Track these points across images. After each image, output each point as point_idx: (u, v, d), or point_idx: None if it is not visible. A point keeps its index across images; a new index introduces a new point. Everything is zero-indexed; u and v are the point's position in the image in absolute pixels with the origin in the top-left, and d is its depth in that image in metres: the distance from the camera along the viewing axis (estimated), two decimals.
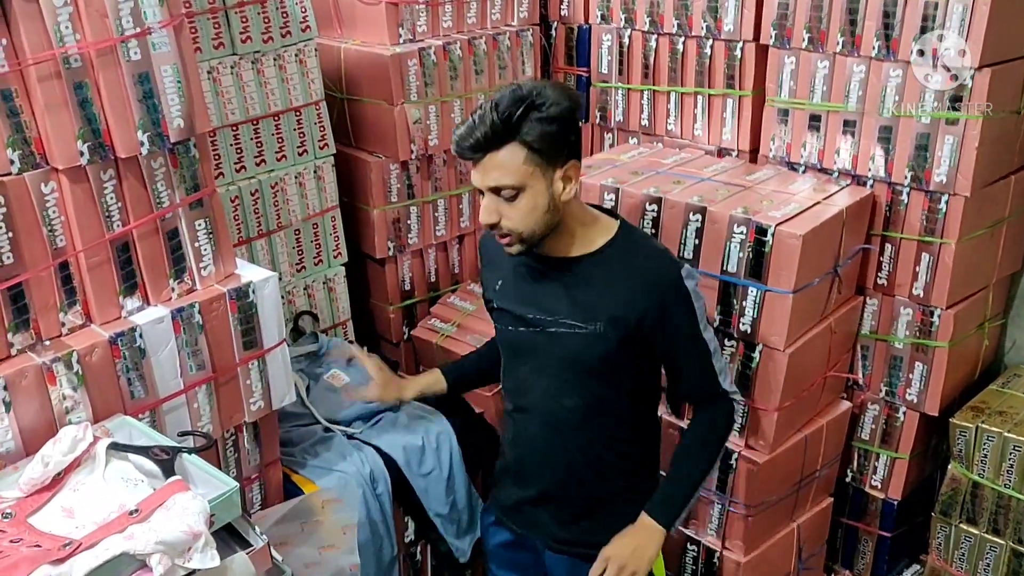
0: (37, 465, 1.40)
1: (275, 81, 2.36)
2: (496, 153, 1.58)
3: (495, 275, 1.85)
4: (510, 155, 1.58)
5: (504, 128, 1.56)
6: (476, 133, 1.57)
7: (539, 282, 1.76)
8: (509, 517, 1.95)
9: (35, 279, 1.52)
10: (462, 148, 1.61)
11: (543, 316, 1.74)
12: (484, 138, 1.57)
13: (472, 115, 1.60)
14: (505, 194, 1.60)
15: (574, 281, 1.72)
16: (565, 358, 1.74)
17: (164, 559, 1.24)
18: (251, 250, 2.41)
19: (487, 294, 1.89)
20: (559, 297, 1.73)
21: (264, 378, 1.85)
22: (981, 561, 2.32)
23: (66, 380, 1.53)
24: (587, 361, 1.72)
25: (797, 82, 2.33)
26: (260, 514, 1.90)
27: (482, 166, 1.60)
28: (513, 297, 1.80)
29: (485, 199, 1.63)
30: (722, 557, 2.35)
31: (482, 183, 1.61)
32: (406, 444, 2.25)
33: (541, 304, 1.75)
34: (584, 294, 1.71)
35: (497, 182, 1.59)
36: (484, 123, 1.56)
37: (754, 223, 2.06)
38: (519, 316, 1.78)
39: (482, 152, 1.58)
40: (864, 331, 2.42)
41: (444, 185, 2.78)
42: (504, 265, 1.81)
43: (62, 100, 1.46)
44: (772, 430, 2.18)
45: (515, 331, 1.80)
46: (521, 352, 1.81)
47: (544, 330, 1.74)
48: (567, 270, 1.73)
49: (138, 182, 1.60)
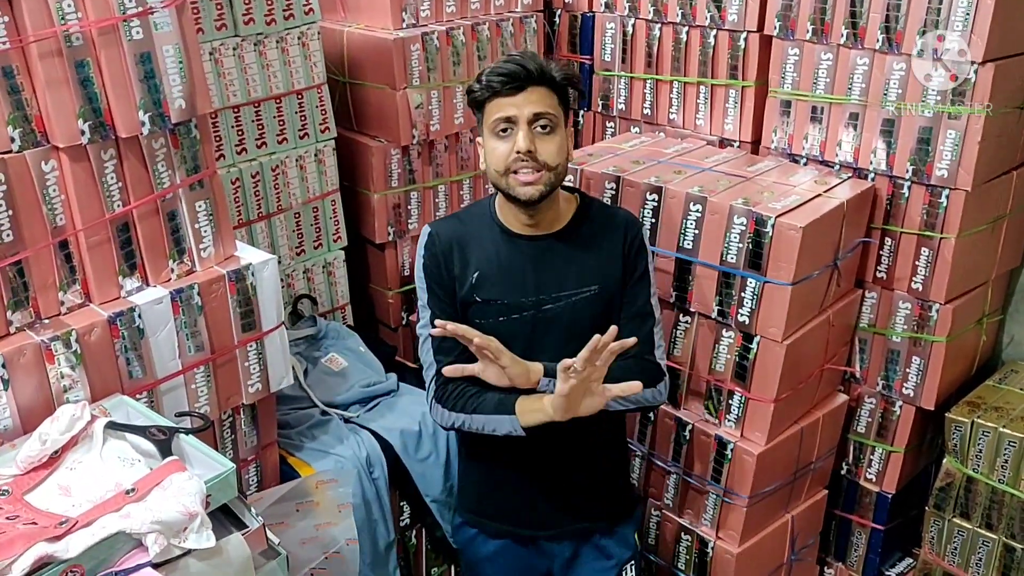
0: (34, 443, 1.40)
1: (277, 63, 2.36)
2: (536, 87, 1.68)
3: (467, 268, 1.80)
4: (547, 93, 1.70)
5: (541, 70, 1.68)
6: (527, 64, 1.67)
7: (530, 261, 1.79)
8: (505, 521, 1.93)
9: (34, 257, 1.52)
10: (508, 75, 1.66)
11: (539, 294, 1.77)
12: (533, 71, 1.67)
13: (501, 60, 1.71)
14: (543, 125, 1.68)
15: (562, 253, 1.79)
16: (568, 330, 1.77)
17: (160, 538, 1.25)
18: (251, 233, 2.41)
19: (460, 293, 1.80)
20: (554, 270, 1.77)
21: (262, 360, 1.85)
22: (973, 555, 2.33)
23: (64, 359, 1.53)
24: (588, 325, 1.73)
25: (800, 74, 2.32)
26: (256, 496, 1.91)
27: (523, 96, 1.67)
28: (500, 285, 1.79)
29: (521, 130, 1.67)
30: (716, 547, 2.36)
31: (523, 110, 1.67)
32: (403, 429, 2.26)
33: (537, 283, 1.78)
34: (574, 263, 1.79)
35: (543, 108, 1.68)
36: (526, 61, 1.67)
37: (754, 214, 2.06)
38: (509, 303, 1.78)
39: (524, 83, 1.66)
40: (862, 324, 2.42)
41: (445, 171, 2.78)
42: (479, 255, 1.80)
43: (63, 78, 1.46)
44: (768, 421, 2.19)
45: (505, 320, 1.79)
46: (512, 341, 1.76)
47: (540, 309, 1.77)
48: (553, 243, 1.80)
49: (139, 162, 1.60)
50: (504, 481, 1.91)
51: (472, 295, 1.80)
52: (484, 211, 1.86)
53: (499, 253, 1.80)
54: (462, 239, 1.82)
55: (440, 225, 1.90)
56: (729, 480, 2.27)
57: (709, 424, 2.29)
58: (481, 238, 1.82)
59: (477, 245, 1.81)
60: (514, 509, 1.92)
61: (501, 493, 1.92)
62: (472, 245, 1.81)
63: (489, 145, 1.73)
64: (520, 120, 1.67)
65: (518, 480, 1.89)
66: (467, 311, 1.82)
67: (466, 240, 1.82)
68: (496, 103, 1.69)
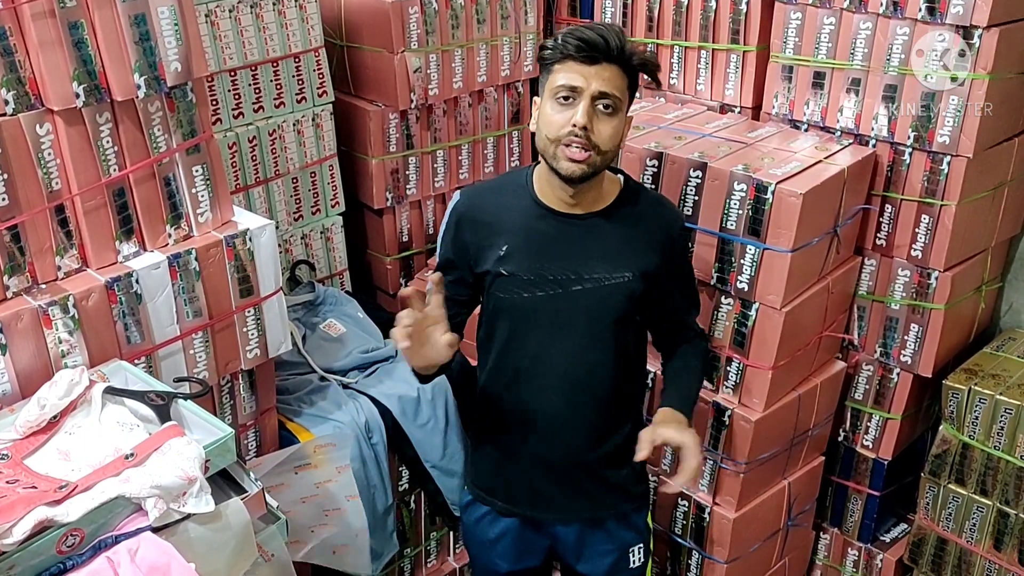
0: (33, 408, 1.40)
1: (274, 27, 2.33)
2: (611, 65, 1.60)
3: (495, 241, 1.74)
4: (619, 74, 1.61)
5: (621, 48, 1.59)
6: (609, 39, 1.58)
7: (563, 239, 1.72)
8: (517, 502, 1.89)
9: (30, 222, 1.51)
10: (586, 42, 1.57)
11: (569, 274, 1.71)
12: (613, 47, 1.58)
13: (584, 25, 1.61)
14: (606, 104, 1.60)
15: (600, 234, 1.72)
16: (594, 312, 1.73)
17: (159, 503, 1.25)
18: (248, 198, 2.40)
19: (484, 265, 1.76)
20: (588, 250, 1.71)
21: (260, 326, 1.85)
22: (967, 521, 2.35)
23: (62, 324, 1.53)
24: (616, 312, 1.73)
25: (802, 38, 2.30)
26: (255, 461, 1.92)
27: (595, 70, 1.59)
28: (529, 259, 1.72)
29: (583, 104, 1.58)
30: (713, 512, 2.38)
31: (591, 84, 1.58)
32: (401, 395, 2.26)
33: (568, 261, 1.71)
34: (611, 244, 1.73)
35: (609, 88, 1.59)
36: (609, 34, 1.58)
37: (755, 180, 2.05)
38: (537, 278, 1.72)
39: (602, 57, 1.58)
40: (861, 292, 2.42)
41: (444, 136, 2.76)
42: (509, 229, 1.74)
43: (56, 40, 1.44)
44: (766, 388, 2.19)
45: (532, 296, 1.73)
46: (538, 317, 1.74)
47: (568, 287, 1.71)
48: (591, 223, 1.73)
49: (134, 126, 1.59)
50: (516, 463, 1.87)
51: (498, 267, 1.74)
52: (520, 182, 1.78)
53: (530, 227, 1.73)
54: (493, 209, 1.76)
55: (471, 192, 1.85)
56: (727, 446, 2.29)
57: (707, 391, 2.29)
58: (513, 209, 1.75)
59: (508, 217, 1.74)
60: (526, 491, 1.87)
61: (513, 475, 1.88)
62: (503, 216, 1.74)
63: (546, 109, 1.63)
64: (585, 93, 1.58)
65: (531, 463, 1.84)
66: (491, 284, 1.76)
67: (497, 210, 1.75)
68: (565, 67, 1.60)
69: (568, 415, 1.78)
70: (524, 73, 2.87)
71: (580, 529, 1.89)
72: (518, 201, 1.75)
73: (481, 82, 2.76)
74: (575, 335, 1.74)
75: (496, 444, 1.90)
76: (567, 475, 1.84)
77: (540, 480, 1.85)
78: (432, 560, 2.58)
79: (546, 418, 1.79)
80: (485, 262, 1.75)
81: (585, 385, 1.77)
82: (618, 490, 1.88)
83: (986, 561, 2.35)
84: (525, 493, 1.88)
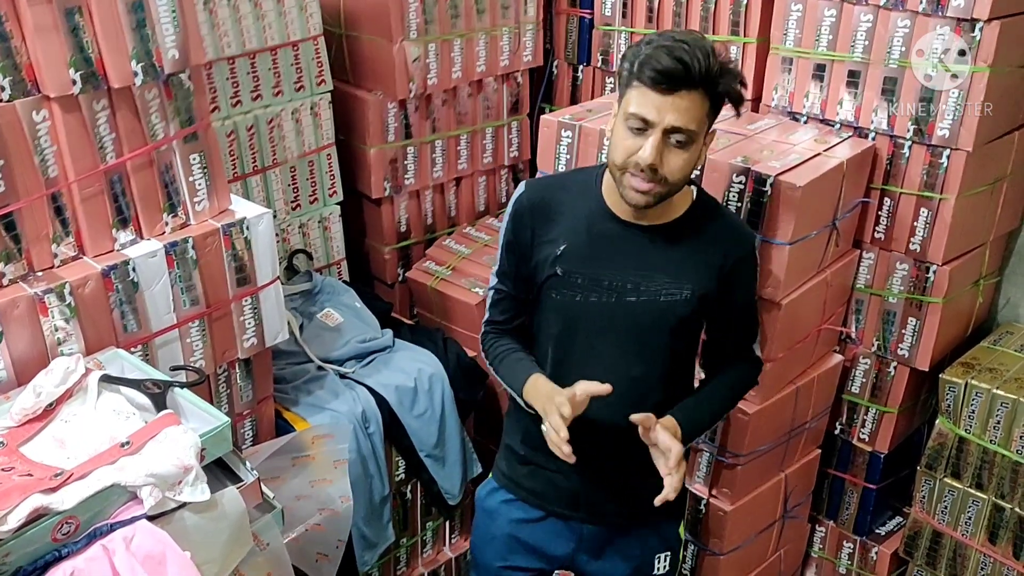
0: (29, 395, 1.40)
1: (272, 14, 2.32)
2: (690, 93, 1.47)
3: (556, 238, 1.68)
4: (699, 102, 1.49)
5: (705, 74, 1.46)
6: (691, 66, 1.44)
7: (624, 246, 1.65)
8: (550, 500, 1.84)
9: (27, 209, 1.51)
10: (665, 74, 1.45)
11: (625, 283, 1.65)
12: (695, 74, 1.45)
13: (666, 45, 1.46)
14: (678, 139, 1.50)
15: (662, 246, 1.66)
16: (645, 325, 1.67)
17: (154, 491, 1.25)
18: (246, 186, 2.39)
19: (539, 261, 1.69)
20: (648, 262, 1.65)
21: (257, 315, 1.84)
22: (963, 514, 2.36)
23: (58, 312, 1.53)
24: (668, 328, 1.67)
25: (802, 30, 2.29)
26: (251, 450, 1.92)
27: (671, 101, 1.47)
28: (586, 262, 1.66)
29: (653, 139, 1.48)
30: (709, 505, 2.38)
31: (665, 118, 1.47)
32: (399, 385, 2.26)
33: (626, 269, 1.65)
34: (673, 259, 1.66)
35: (684, 123, 1.48)
36: (696, 58, 1.44)
37: (753, 173, 2.04)
38: (592, 282, 1.66)
39: (682, 87, 1.46)
40: (859, 285, 2.42)
41: (443, 126, 2.75)
42: (571, 227, 1.67)
43: (53, 25, 1.43)
44: (764, 381, 2.19)
45: (583, 300, 1.67)
46: (586, 323, 1.68)
47: (623, 297, 1.65)
48: (655, 234, 1.66)
49: (131, 113, 1.58)
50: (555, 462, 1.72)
51: (554, 267, 1.67)
52: (589, 181, 1.71)
53: (592, 229, 1.66)
54: (556, 204, 1.69)
55: (535, 184, 1.76)
56: (724, 439, 2.29)
57: None
58: (577, 208, 1.68)
59: (571, 215, 1.67)
60: (561, 491, 1.82)
61: (549, 473, 1.81)
62: (566, 213, 1.67)
63: (618, 132, 1.54)
64: (656, 127, 1.48)
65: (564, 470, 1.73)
66: (545, 282, 1.70)
67: (561, 207, 1.68)
68: (639, 94, 1.49)
69: (612, 423, 1.70)
70: (523, 63, 2.86)
71: (608, 531, 1.84)
72: (584, 201, 1.69)
73: (480, 72, 2.75)
74: (624, 345, 1.68)
75: (536, 440, 1.76)
76: (606, 481, 1.79)
77: (578, 482, 1.78)
78: (428, 550, 2.58)
79: (588, 425, 1.67)
80: (541, 258, 1.69)
81: (629, 397, 1.69)
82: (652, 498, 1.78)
83: (981, 554, 2.36)
84: (561, 490, 1.81)
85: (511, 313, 1.79)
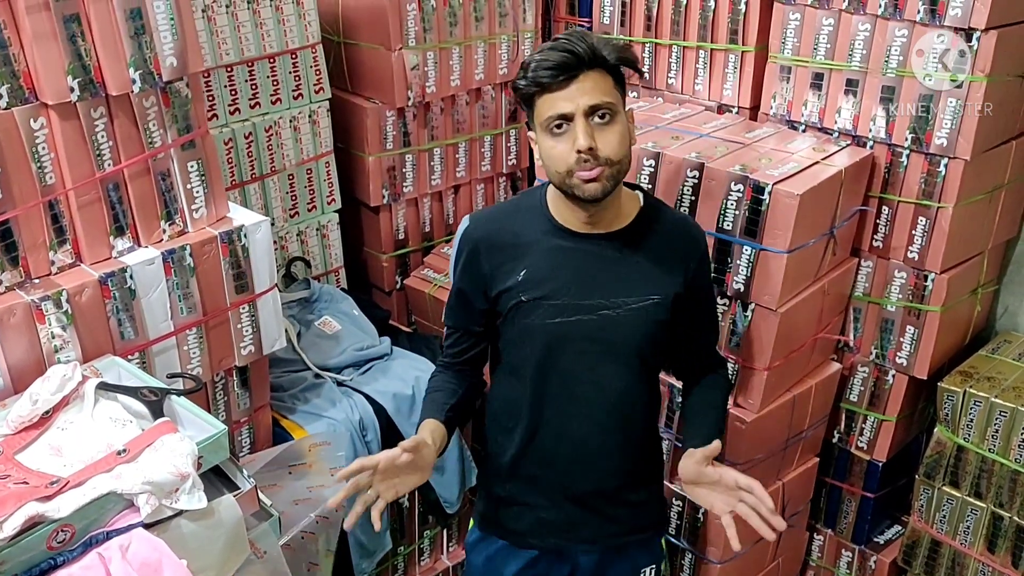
0: (25, 403, 1.39)
1: (271, 22, 2.32)
2: (589, 73, 1.50)
3: (513, 266, 1.65)
4: (601, 78, 1.52)
5: (592, 52, 1.50)
6: (578, 50, 1.48)
7: (585, 262, 1.64)
8: (539, 533, 1.80)
9: (24, 216, 1.51)
10: (557, 67, 1.49)
11: (594, 300, 1.63)
12: (583, 55, 1.49)
13: (546, 47, 1.52)
14: (601, 116, 1.51)
15: (623, 256, 1.65)
16: (621, 338, 1.65)
17: (151, 499, 1.25)
18: (244, 194, 2.39)
19: (501, 293, 1.67)
20: (613, 275, 1.64)
21: (255, 323, 1.84)
22: (962, 523, 2.35)
23: (55, 319, 1.52)
24: (644, 336, 1.67)
25: (801, 39, 2.29)
26: (249, 458, 1.91)
27: (576, 86, 1.50)
28: (552, 284, 1.64)
29: (578, 126, 1.49)
30: (707, 513, 2.37)
31: (578, 103, 1.49)
32: (396, 392, 2.26)
33: (597, 286, 1.64)
34: (636, 268, 1.65)
35: (598, 99, 1.50)
36: (575, 44, 1.49)
37: (752, 181, 2.04)
38: (563, 304, 1.63)
39: (575, 71, 1.49)
40: (857, 293, 2.42)
41: (441, 134, 2.75)
42: (528, 253, 1.65)
43: (51, 33, 1.43)
44: (761, 389, 2.19)
45: (555, 323, 1.64)
46: (563, 343, 1.66)
47: (594, 314, 1.64)
48: (613, 244, 1.65)
49: (129, 121, 1.58)
50: (541, 494, 1.78)
51: (518, 295, 1.65)
52: (534, 203, 1.69)
53: (550, 251, 1.64)
54: (506, 234, 1.67)
55: (481, 217, 1.77)
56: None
57: None
58: (529, 233, 1.66)
59: (525, 240, 1.66)
60: (550, 521, 1.79)
61: (536, 505, 1.79)
62: (519, 241, 1.66)
63: (545, 144, 1.55)
64: (576, 114, 1.49)
65: (558, 492, 1.76)
66: (510, 312, 1.67)
67: (511, 235, 1.67)
68: (547, 98, 1.51)
69: (598, 443, 1.71)
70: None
71: (600, 556, 1.82)
72: (534, 224, 1.67)
73: (479, 80, 2.75)
74: (605, 362, 1.67)
75: (518, 475, 1.78)
76: (594, 501, 1.77)
77: (566, 508, 1.77)
78: (425, 559, 2.57)
79: (575, 447, 1.71)
80: (502, 289, 1.67)
81: (615, 412, 1.71)
82: (643, 513, 1.82)
83: (979, 563, 2.35)
84: (549, 523, 1.79)
85: (463, 345, 1.77)
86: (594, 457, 1.72)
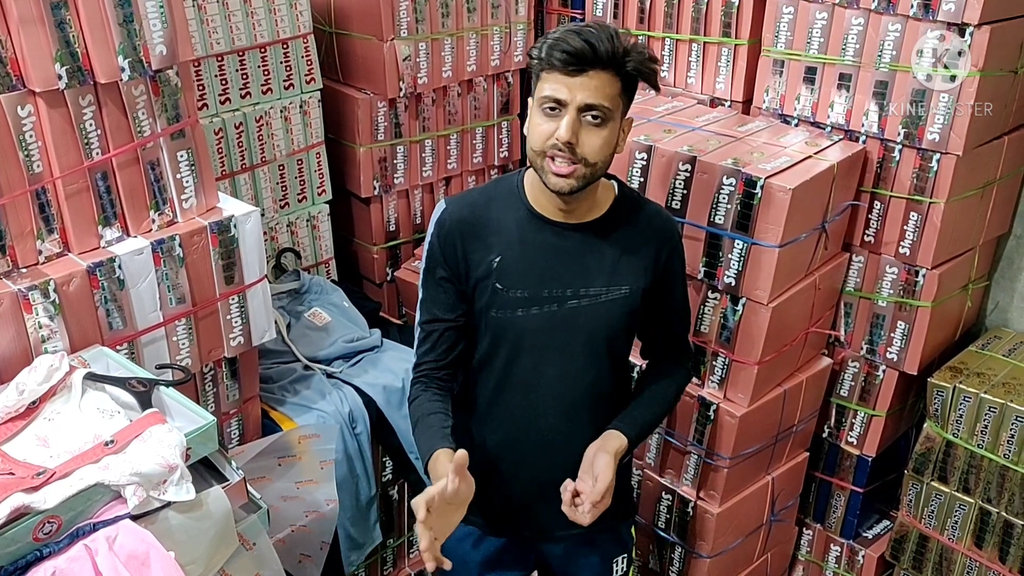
0: (11, 393, 1.38)
1: (262, 11, 2.31)
2: (601, 72, 1.48)
3: (486, 253, 1.63)
4: (610, 80, 1.50)
5: (612, 54, 1.47)
6: (598, 45, 1.46)
7: (559, 253, 1.63)
8: (507, 524, 1.81)
9: (11, 205, 1.49)
10: (572, 55, 1.46)
11: (566, 289, 1.63)
12: (603, 53, 1.46)
13: (573, 29, 1.49)
14: (594, 117, 1.49)
15: (594, 246, 1.64)
16: (591, 329, 1.65)
17: (139, 490, 1.24)
18: (234, 184, 2.38)
19: (477, 278, 1.64)
20: (585, 265, 1.63)
21: (244, 314, 1.83)
22: (950, 518, 2.36)
23: (42, 309, 1.51)
24: (614, 328, 1.66)
25: (794, 33, 2.29)
26: (237, 449, 1.91)
27: (581, 80, 1.48)
28: (523, 274, 1.63)
29: (567, 118, 1.48)
30: (696, 507, 2.38)
31: (576, 96, 1.48)
32: (386, 384, 2.25)
33: (564, 276, 1.63)
34: (608, 258, 1.65)
35: (596, 100, 1.48)
36: (601, 39, 1.46)
37: (744, 175, 2.04)
38: (531, 295, 1.63)
39: (590, 66, 1.47)
40: (848, 288, 2.42)
41: (432, 125, 2.74)
42: (501, 240, 1.63)
43: (39, 19, 1.42)
44: (752, 383, 2.19)
45: (525, 314, 1.63)
46: (533, 336, 1.65)
47: (564, 305, 1.63)
48: (586, 234, 1.64)
49: (118, 109, 1.57)
50: (509, 486, 1.78)
51: (493, 283, 1.63)
52: (511, 188, 1.67)
53: (524, 238, 1.63)
54: (482, 219, 1.65)
55: (456, 202, 1.70)
56: (711, 441, 2.28)
57: (693, 385, 2.29)
58: (504, 219, 1.64)
59: (499, 227, 1.64)
60: (517, 513, 1.80)
61: (505, 496, 1.78)
62: (494, 226, 1.64)
63: (534, 119, 1.54)
64: (570, 106, 1.48)
65: (526, 484, 1.76)
66: (485, 301, 1.65)
67: (487, 220, 1.64)
68: (551, 78, 1.50)
69: (567, 434, 1.70)
70: (514, 63, 2.85)
71: (568, 546, 1.83)
72: (510, 209, 1.65)
73: (471, 72, 2.74)
74: (573, 353, 1.66)
75: (487, 467, 1.74)
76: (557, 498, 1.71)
77: (534, 501, 1.76)
78: (415, 551, 2.57)
79: (544, 439, 1.71)
80: (478, 274, 1.65)
81: (584, 403, 1.71)
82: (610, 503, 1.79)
83: (967, 559, 2.36)
84: (516, 514, 1.80)
85: (447, 344, 1.69)
86: (563, 449, 1.71)
